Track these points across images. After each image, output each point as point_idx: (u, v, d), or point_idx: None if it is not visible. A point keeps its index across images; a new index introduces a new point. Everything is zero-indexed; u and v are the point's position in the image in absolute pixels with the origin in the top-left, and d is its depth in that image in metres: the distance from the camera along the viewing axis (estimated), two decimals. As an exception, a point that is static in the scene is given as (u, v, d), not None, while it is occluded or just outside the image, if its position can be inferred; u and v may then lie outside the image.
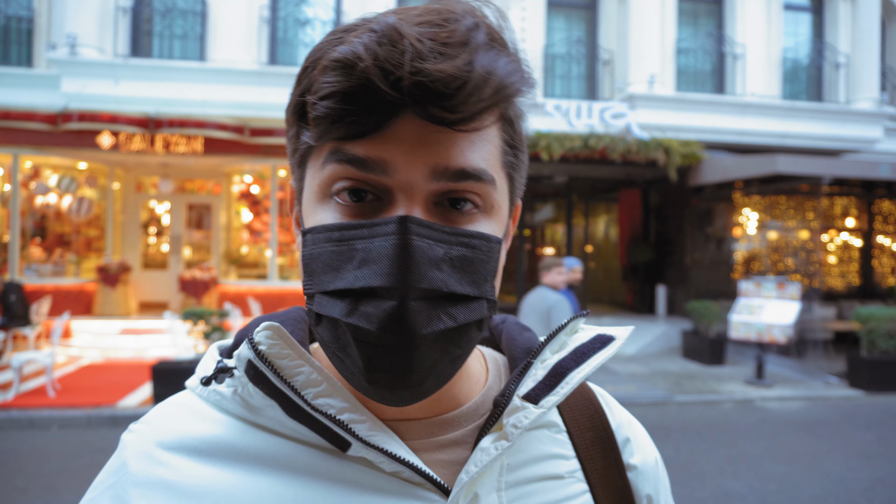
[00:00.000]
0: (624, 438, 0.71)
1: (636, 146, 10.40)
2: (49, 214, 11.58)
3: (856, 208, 13.32)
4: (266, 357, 0.54)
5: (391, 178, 0.50)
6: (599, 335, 0.65)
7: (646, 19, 11.43)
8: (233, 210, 12.60)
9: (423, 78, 0.46)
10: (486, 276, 0.53)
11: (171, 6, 10.58)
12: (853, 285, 13.20)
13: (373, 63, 0.46)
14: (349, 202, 0.52)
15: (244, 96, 9.97)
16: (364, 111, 0.48)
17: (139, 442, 0.57)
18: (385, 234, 0.48)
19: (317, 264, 0.52)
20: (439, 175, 0.50)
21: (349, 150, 0.50)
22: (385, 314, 0.47)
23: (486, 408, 0.63)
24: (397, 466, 0.54)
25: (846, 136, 11.83)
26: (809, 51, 12.76)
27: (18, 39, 10.62)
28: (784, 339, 8.46)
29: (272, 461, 0.55)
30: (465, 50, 0.48)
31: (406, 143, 0.50)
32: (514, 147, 0.59)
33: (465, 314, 0.51)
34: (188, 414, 0.59)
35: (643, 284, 13.60)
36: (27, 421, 6.27)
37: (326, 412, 0.54)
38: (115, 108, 9.77)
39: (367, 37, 0.48)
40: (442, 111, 0.48)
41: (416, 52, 0.47)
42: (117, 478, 0.56)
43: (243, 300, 10.66)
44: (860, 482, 5.09)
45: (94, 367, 8.72)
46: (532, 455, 0.62)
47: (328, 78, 0.48)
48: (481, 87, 0.48)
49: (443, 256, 0.50)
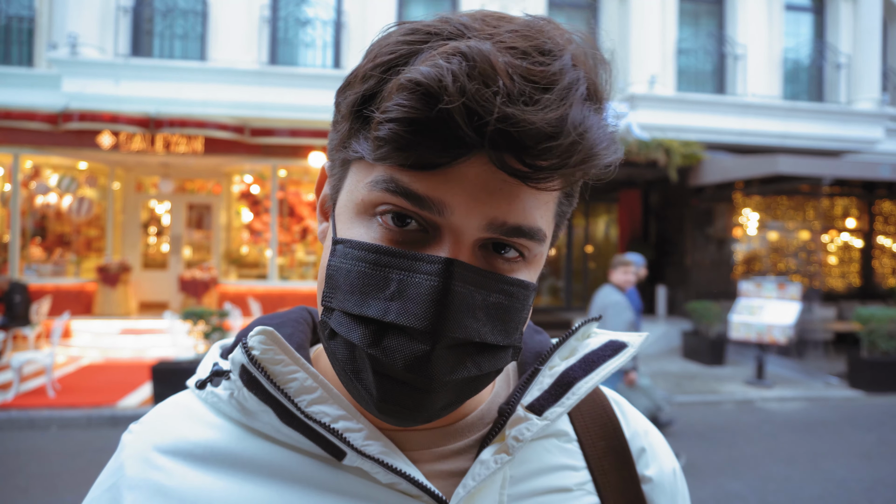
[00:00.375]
0: (639, 448, 0.67)
1: (637, 146, 10.39)
2: (49, 214, 11.59)
3: (856, 209, 13.31)
4: (259, 362, 0.53)
5: (443, 219, 0.47)
6: (611, 341, 0.63)
7: (646, 19, 11.43)
8: (233, 210, 12.61)
9: (509, 127, 0.42)
10: (518, 324, 0.52)
11: (172, 6, 10.58)
12: (854, 286, 13.19)
13: (461, 102, 0.42)
14: (391, 227, 0.49)
15: (245, 96, 9.97)
16: (435, 147, 0.44)
17: (137, 444, 0.57)
18: (427, 272, 0.46)
19: (343, 280, 0.49)
20: (495, 228, 0.47)
21: (406, 184, 0.46)
22: (412, 356, 0.45)
23: (490, 416, 0.61)
24: (393, 478, 0.52)
25: (847, 136, 11.82)
26: (810, 51, 12.75)
27: (19, 39, 10.62)
28: (784, 339, 8.45)
29: (267, 469, 0.54)
30: (560, 103, 0.43)
31: (469, 188, 0.46)
32: (571, 196, 0.56)
33: (491, 363, 0.50)
34: (186, 416, 0.58)
35: (643, 285, 13.58)
36: (27, 421, 6.27)
37: (321, 420, 0.52)
38: (116, 107, 9.77)
39: (458, 63, 0.43)
40: (519, 164, 0.45)
41: (507, 93, 0.42)
42: (115, 479, 0.56)
43: (243, 300, 10.66)
44: (861, 483, 5.09)
45: (94, 368, 8.72)
46: (538, 466, 0.60)
47: (403, 100, 0.44)
48: (569, 151, 0.44)
49: (480, 303, 0.47)
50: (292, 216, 12.09)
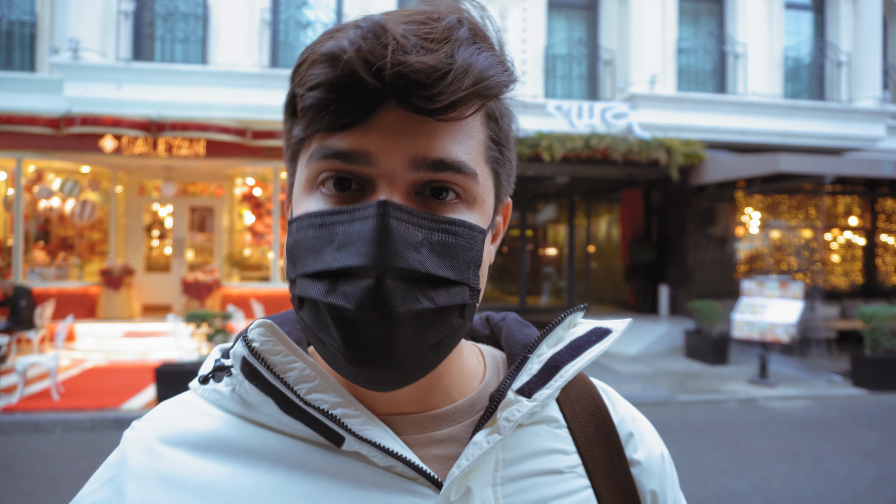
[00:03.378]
0: (627, 433, 0.70)
1: (638, 146, 10.39)
2: (52, 218, 11.62)
3: (859, 207, 13.28)
4: (259, 354, 0.56)
5: (373, 168, 0.52)
6: (596, 328, 0.66)
7: (647, 19, 11.43)
8: (235, 212, 12.63)
9: (404, 69, 0.48)
10: (469, 263, 0.54)
11: (173, 10, 10.61)
12: (857, 284, 13.16)
13: (356, 55, 0.48)
14: (334, 192, 0.53)
15: (246, 99, 10.00)
16: (348, 101, 0.50)
17: (140, 437, 0.59)
18: (364, 217, 0.49)
19: (299, 250, 0.53)
20: (419, 165, 0.52)
21: (333, 145, 0.52)
22: (362, 292, 0.48)
23: (481, 404, 0.63)
24: (390, 461, 0.55)
25: (848, 134, 11.81)
26: (811, 49, 12.74)
27: (21, 44, 10.66)
28: (787, 338, 8.44)
29: (269, 456, 0.56)
30: (446, 44, 0.50)
31: (387, 133, 0.51)
32: (500, 144, 0.59)
33: (445, 297, 0.51)
34: (189, 411, 0.60)
35: (645, 284, 13.59)
36: (32, 424, 6.29)
37: (320, 407, 0.55)
38: (118, 111, 9.81)
39: (354, 32, 0.49)
40: (422, 101, 0.50)
41: (400, 46, 0.48)
42: (116, 471, 0.57)
43: (246, 302, 10.68)
44: (864, 481, 5.08)
45: (97, 370, 8.74)
46: (530, 450, 0.62)
47: (316, 70, 0.50)
48: (461, 77, 0.49)
49: (422, 240, 0.50)
50: (294, 218, 12.08)
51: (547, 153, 10.18)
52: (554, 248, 15.32)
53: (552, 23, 12.32)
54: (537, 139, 10.14)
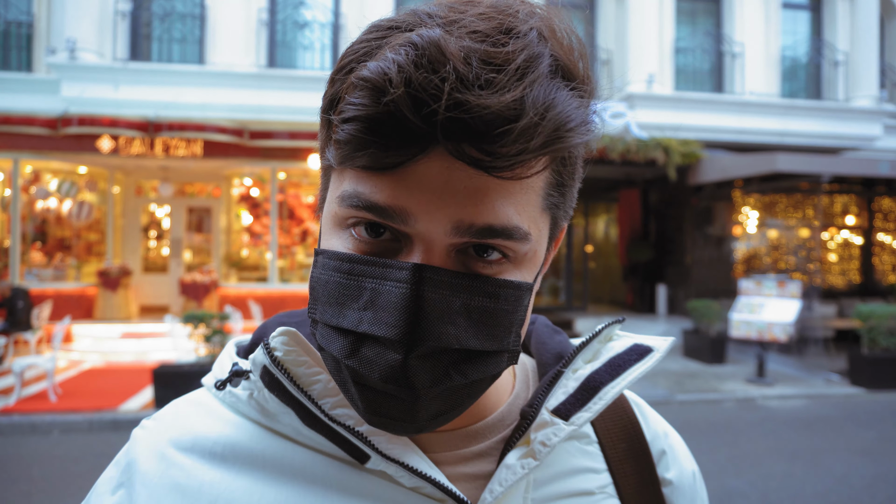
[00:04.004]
0: (659, 451, 0.67)
1: (635, 146, 10.40)
2: (49, 219, 11.59)
3: (856, 206, 13.31)
4: (282, 364, 0.52)
5: (410, 228, 0.45)
6: (636, 345, 0.61)
7: (644, 19, 11.44)
8: (233, 213, 12.61)
9: (462, 113, 0.40)
10: (511, 326, 0.48)
11: (170, 10, 10.60)
12: (854, 283, 13.20)
13: (404, 91, 0.40)
14: (364, 238, 0.47)
15: (243, 99, 9.99)
16: (389, 144, 0.42)
17: (151, 439, 0.55)
18: (397, 279, 0.44)
19: (322, 292, 0.49)
20: (462, 231, 0.44)
21: (366, 196, 0.45)
22: (387, 366, 0.43)
23: (512, 418, 0.60)
24: (418, 481, 0.51)
25: (845, 133, 11.83)
26: (808, 49, 12.76)
27: (18, 44, 10.64)
28: (785, 337, 8.45)
29: (288, 469, 0.52)
30: (518, 83, 0.41)
31: (430, 189, 0.43)
32: (563, 185, 0.51)
33: (479, 370, 0.47)
34: (204, 413, 0.57)
35: (643, 284, 13.60)
36: (29, 426, 6.28)
37: (345, 423, 0.51)
38: (115, 111, 9.79)
39: (405, 53, 0.41)
40: (479, 153, 0.42)
41: (459, 78, 0.40)
42: (127, 476, 0.54)
43: (244, 303, 10.67)
44: (862, 479, 5.09)
45: (95, 372, 8.73)
46: (561, 469, 0.59)
47: (354, 99, 0.43)
48: (530, 133, 0.41)
49: (460, 308, 0.45)
50: (292, 218, 12.10)
51: (545, 153, 10.17)
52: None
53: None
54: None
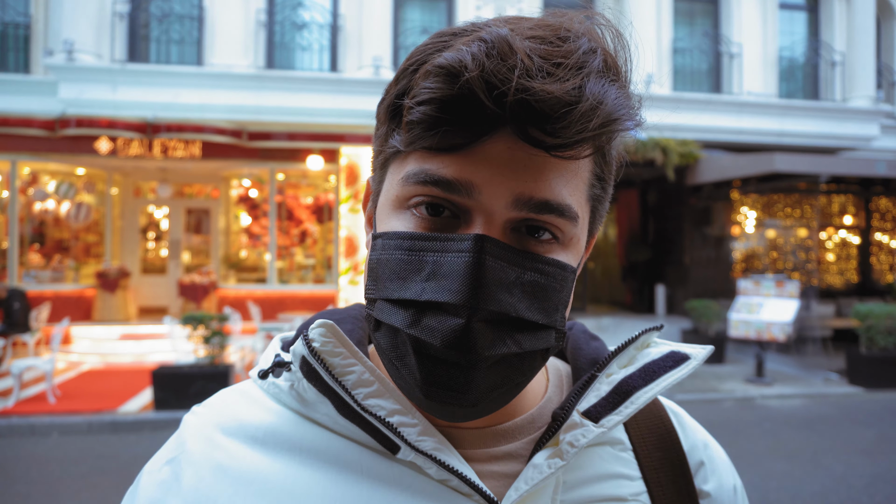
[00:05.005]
0: (697, 461, 0.66)
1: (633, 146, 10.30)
2: (48, 220, 11.58)
3: (853, 206, 13.35)
4: (319, 354, 0.54)
5: (472, 201, 0.49)
6: (673, 352, 0.61)
7: (642, 19, 11.45)
8: (231, 214, 12.61)
9: (528, 96, 0.45)
10: (558, 305, 0.52)
11: (168, 11, 10.59)
12: (852, 282, 13.23)
13: (479, 74, 0.45)
14: (426, 216, 0.51)
15: (242, 100, 9.98)
16: (461, 123, 0.47)
17: (200, 424, 0.58)
18: (459, 250, 0.47)
19: (383, 270, 0.51)
20: (522, 204, 0.49)
21: (434, 171, 0.49)
22: (450, 330, 0.46)
23: (543, 420, 0.61)
24: (445, 474, 0.53)
25: (843, 133, 11.86)
26: (805, 49, 12.79)
27: (16, 46, 10.62)
28: (783, 336, 8.47)
29: (323, 456, 0.55)
30: (577, 74, 0.46)
31: (494, 165, 0.48)
32: (603, 180, 0.57)
33: (532, 342, 0.50)
34: (249, 402, 0.59)
35: (642, 284, 13.61)
36: (28, 428, 6.27)
37: (376, 413, 0.53)
38: (113, 113, 9.78)
39: (477, 46, 0.46)
40: (542, 133, 0.46)
41: (525, 69, 0.45)
42: (175, 454, 0.56)
43: (243, 304, 10.66)
44: (861, 478, 5.10)
45: (94, 373, 8.72)
46: (592, 473, 0.59)
47: (429, 83, 0.47)
48: (588, 116, 0.46)
49: (514, 280, 0.48)
50: (291, 219, 12.09)
51: (543, 153, 10.19)
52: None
53: (548, 23, 12.33)
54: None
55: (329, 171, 11.35)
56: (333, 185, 11.61)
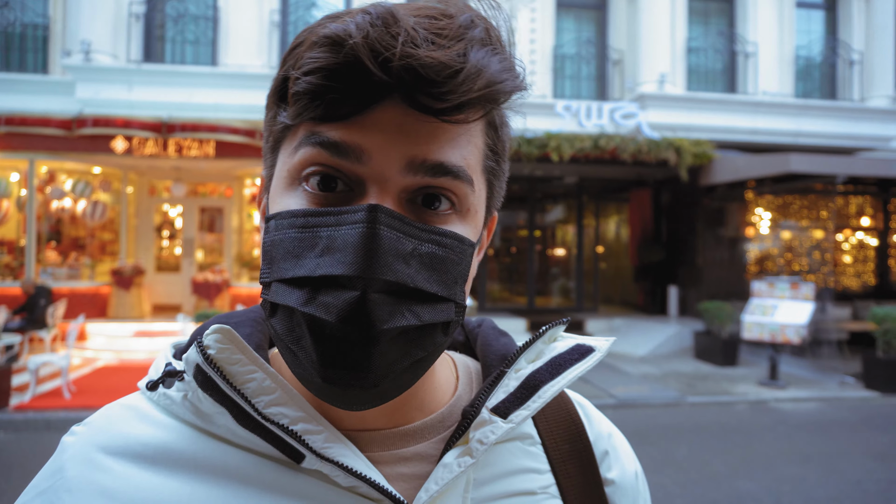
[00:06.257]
0: (602, 451, 0.67)
1: (647, 146, 10.35)
2: (64, 218, 11.73)
3: (871, 207, 13.16)
4: (215, 362, 0.51)
5: (365, 167, 0.48)
6: (579, 345, 0.62)
7: (656, 19, 11.39)
8: (244, 213, 12.69)
9: (413, 62, 0.45)
10: (457, 278, 0.51)
11: (183, 12, 10.69)
12: (869, 285, 13.05)
13: (363, 41, 0.45)
14: (318, 191, 0.50)
15: (256, 100, 10.04)
16: (347, 90, 0.47)
17: (79, 445, 0.54)
18: (353, 222, 0.46)
19: (277, 251, 0.49)
20: (416, 168, 0.48)
21: (324, 133, 0.48)
22: (346, 304, 0.44)
23: (453, 419, 0.60)
24: (354, 481, 0.51)
25: (860, 133, 11.71)
26: (823, 48, 12.64)
27: (34, 46, 10.77)
28: (798, 339, 8.38)
29: (222, 471, 0.52)
30: (459, 42, 0.47)
31: (385, 130, 0.48)
32: (497, 153, 0.57)
33: (431, 314, 0.49)
34: (136, 417, 0.55)
35: (654, 285, 13.52)
36: (43, 422, 6.35)
37: (279, 422, 0.51)
38: (129, 112, 9.88)
39: (361, 17, 0.46)
40: (429, 98, 0.47)
41: (410, 38, 0.45)
42: (51, 483, 0.52)
43: (255, 302, 10.69)
44: (877, 484, 5.03)
45: (108, 370, 8.81)
46: (502, 469, 0.59)
47: (315, 53, 0.47)
48: (473, 78, 0.46)
49: (411, 252, 0.47)
50: (303, 219, 12.13)
51: (555, 153, 10.17)
52: (562, 249, 15.28)
53: (561, 23, 12.29)
54: (545, 139, 10.12)
55: (341, 170, 11.38)
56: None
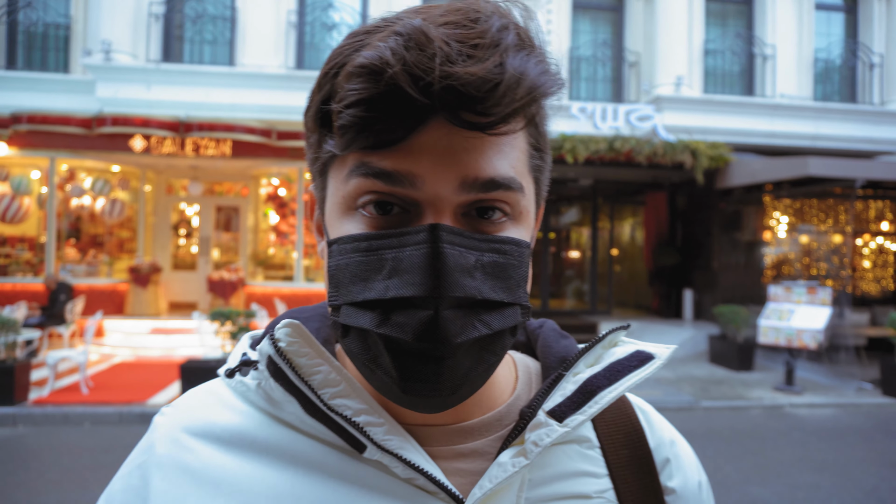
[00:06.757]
0: (663, 459, 0.67)
1: (662, 149, 10.29)
2: (83, 216, 11.90)
3: (891, 212, 12.96)
4: (285, 354, 0.54)
5: (419, 192, 0.49)
6: (639, 352, 0.62)
7: (673, 20, 11.32)
8: (260, 212, 12.79)
9: (453, 82, 0.45)
10: (519, 281, 0.53)
11: (202, 12, 10.80)
12: (888, 290, 12.85)
13: (401, 69, 0.45)
14: (375, 215, 0.51)
15: (272, 100, 10.13)
16: (392, 119, 0.47)
17: (167, 425, 0.59)
18: (415, 243, 0.48)
19: (343, 275, 0.51)
20: (469, 186, 0.49)
21: (375, 164, 0.49)
22: (420, 323, 0.46)
23: (510, 418, 0.61)
24: (411, 473, 0.53)
25: (880, 137, 11.55)
26: (842, 51, 12.48)
27: (56, 46, 10.95)
28: (815, 344, 8.27)
29: (290, 457, 0.55)
30: (494, 52, 0.47)
31: (435, 153, 0.48)
32: (540, 150, 0.58)
33: (500, 321, 0.51)
34: (216, 402, 0.60)
35: (669, 288, 13.42)
36: (61, 417, 6.45)
37: (342, 413, 0.54)
38: (147, 112, 10.01)
39: (394, 40, 0.46)
40: (474, 115, 0.47)
41: (445, 55, 0.45)
42: (145, 458, 0.58)
43: (270, 301, 10.80)
44: (893, 492, 4.96)
45: (125, 366, 8.92)
46: (558, 471, 0.59)
47: (354, 85, 0.47)
48: (514, 88, 0.47)
49: (474, 263, 0.49)
50: (318, 218, 12.20)
51: (570, 155, 10.14)
52: (577, 251, 15.22)
53: (577, 24, 12.26)
54: (560, 141, 10.10)
55: (356, 170, 11.41)
56: (360, 184, 11.67)
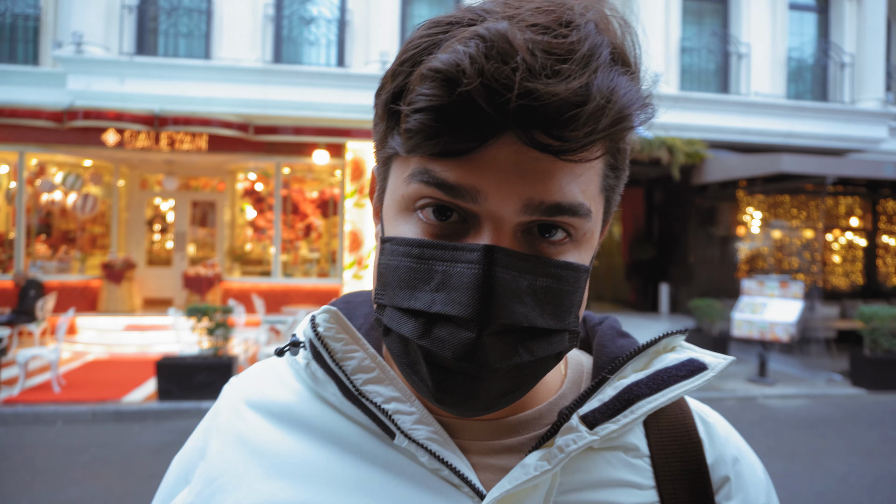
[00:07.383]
0: (721, 476, 0.60)
1: (639, 145, 10.39)
2: (54, 211, 11.65)
3: (860, 208, 13.29)
4: (322, 338, 0.57)
5: (480, 207, 0.47)
6: (691, 360, 0.57)
7: (650, 18, 11.42)
8: (237, 207, 12.66)
9: (532, 102, 0.42)
10: (571, 307, 0.50)
11: (177, 4, 10.62)
12: (857, 284, 13.18)
13: (479, 82, 0.42)
14: (432, 220, 0.49)
15: (249, 94, 10.01)
16: (461, 131, 0.44)
17: (232, 395, 0.64)
18: (468, 261, 0.46)
19: (392, 277, 0.50)
20: (532, 209, 0.47)
21: (438, 174, 0.47)
22: (461, 344, 0.45)
23: (549, 417, 0.59)
24: (436, 464, 0.53)
25: (851, 135, 11.81)
26: (814, 50, 12.72)
27: (25, 37, 10.67)
28: (787, 337, 8.45)
29: (329, 435, 0.57)
30: (583, 70, 0.43)
31: (501, 171, 0.46)
32: (617, 168, 0.54)
33: (545, 348, 0.49)
34: (273, 377, 0.63)
35: (646, 283, 13.59)
36: (33, 416, 6.32)
37: (373, 399, 0.55)
38: (121, 105, 9.82)
39: (475, 45, 0.43)
40: (548, 138, 0.44)
41: (528, 68, 0.42)
42: (210, 423, 0.63)
43: (247, 297, 10.70)
44: (862, 479, 5.10)
45: (98, 363, 8.77)
46: (595, 478, 0.55)
47: (426, 89, 0.44)
48: (597, 116, 0.43)
49: (526, 288, 0.47)
50: (296, 213, 12.13)
51: (549, 151, 10.19)
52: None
53: (555, 21, 12.30)
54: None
55: (334, 165, 11.37)
56: (339, 179, 11.62)
